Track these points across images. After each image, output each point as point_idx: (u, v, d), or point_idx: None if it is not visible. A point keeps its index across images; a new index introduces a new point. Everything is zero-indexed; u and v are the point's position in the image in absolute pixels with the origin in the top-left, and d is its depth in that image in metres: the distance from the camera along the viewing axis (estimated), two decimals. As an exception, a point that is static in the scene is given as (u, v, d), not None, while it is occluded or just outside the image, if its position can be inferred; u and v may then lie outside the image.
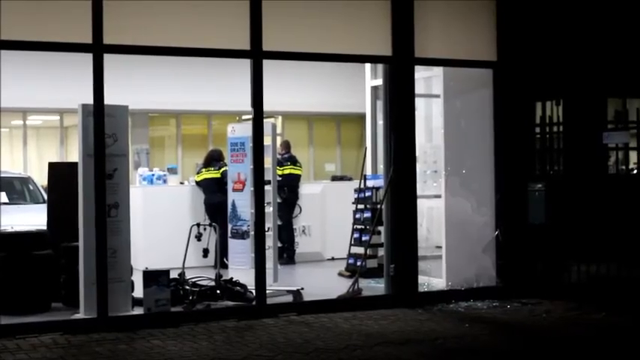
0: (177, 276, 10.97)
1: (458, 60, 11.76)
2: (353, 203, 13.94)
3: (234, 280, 11.33)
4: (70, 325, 9.70)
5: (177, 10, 10.19)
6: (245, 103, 10.79)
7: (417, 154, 11.72)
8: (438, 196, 12.32)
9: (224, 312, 10.52)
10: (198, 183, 14.98)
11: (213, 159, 14.92)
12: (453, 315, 10.75)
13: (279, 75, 13.33)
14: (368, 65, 13.74)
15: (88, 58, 9.75)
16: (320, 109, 20.53)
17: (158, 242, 13.99)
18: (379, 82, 12.77)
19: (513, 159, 11.96)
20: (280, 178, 14.40)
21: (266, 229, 10.99)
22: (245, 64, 10.64)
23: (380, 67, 12.44)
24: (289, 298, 11.37)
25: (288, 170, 15.29)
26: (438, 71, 12.31)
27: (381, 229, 12.16)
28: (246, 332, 9.62)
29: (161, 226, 14.32)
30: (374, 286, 12.25)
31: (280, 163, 14.77)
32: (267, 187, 11.41)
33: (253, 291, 10.73)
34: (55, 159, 18.28)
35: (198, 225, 11.97)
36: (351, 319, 10.31)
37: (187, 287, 10.94)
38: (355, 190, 13.97)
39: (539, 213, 11.84)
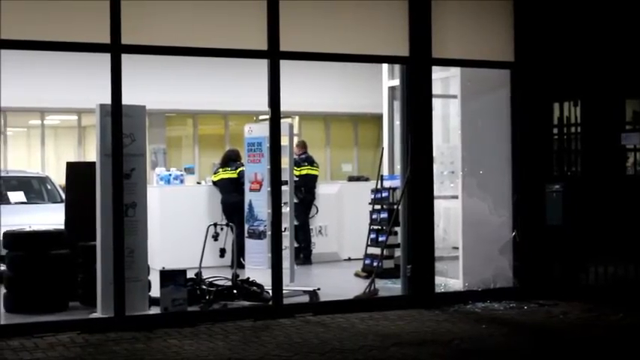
0: (194, 276, 11.00)
1: (475, 60, 11.73)
2: (370, 204, 13.93)
3: (250, 280, 11.35)
4: (87, 324, 9.74)
5: (195, 11, 10.22)
6: (262, 103, 10.80)
7: (434, 154, 11.70)
8: (455, 197, 12.30)
9: (240, 312, 10.54)
10: (215, 183, 15.00)
11: (230, 159, 14.94)
12: (469, 316, 10.74)
13: (296, 75, 13.33)
14: (385, 65, 13.72)
15: (106, 58, 9.78)
16: (337, 109, 20.52)
17: (175, 242, 14.03)
18: (396, 82, 12.75)
19: (531, 160, 11.93)
20: (297, 179, 14.41)
21: (283, 230, 10.99)
22: (262, 64, 10.65)
23: (397, 67, 12.42)
24: (306, 299, 11.37)
25: (305, 170, 15.29)
26: (455, 71, 12.29)
27: (398, 229, 12.14)
28: (263, 332, 9.63)
29: (178, 225, 14.34)
30: (390, 287, 12.24)
31: (297, 164, 14.78)
32: (284, 188, 11.42)
33: (270, 291, 10.74)
34: (73, 159, 18.35)
35: (215, 225, 11.99)
36: (367, 320, 10.30)
37: (204, 287, 10.96)
38: (372, 191, 13.96)
39: (556, 214, 11.80)
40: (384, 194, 13.58)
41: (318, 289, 11.62)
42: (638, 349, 9.06)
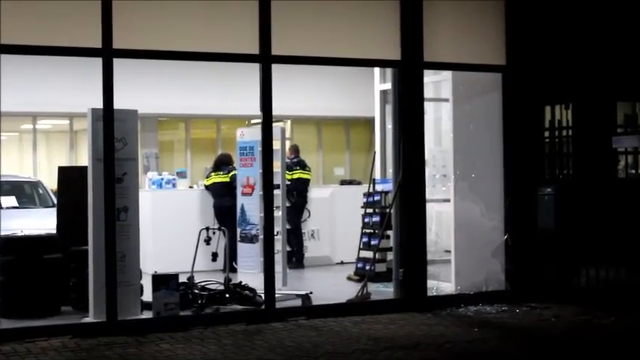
0: (186, 280, 10.99)
1: (467, 64, 11.75)
2: (362, 207, 13.94)
3: (243, 284, 11.34)
4: (79, 328, 9.73)
5: (187, 15, 10.22)
6: (254, 107, 10.81)
7: (426, 158, 11.72)
8: (447, 200, 12.32)
9: (233, 316, 10.53)
10: (207, 187, 15.00)
11: (223, 163, 14.94)
12: (461, 319, 10.75)
13: (288, 79, 13.33)
14: (377, 69, 13.74)
15: (97, 63, 9.78)
16: (329, 113, 20.53)
17: (167, 246, 14.01)
18: (388, 86, 12.78)
19: (522, 163, 11.95)
20: (289, 183, 14.41)
21: (275, 233, 11.00)
22: (254, 68, 10.65)
23: (389, 71, 12.44)
24: (298, 302, 11.36)
25: (297, 174, 15.30)
26: (446, 75, 12.31)
27: (390, 233, 12.15)
28: (255, 336, 9.63)
29: (170, 230, 14.33)
30: (383, 290, 12.24)
31: (289, 168, 14.78)
32: (276, 192, 11.42)
33: (262, 295, 10.74)
34: (65, 163, 18.30)
35: (207, 229, 11.97)
36: (359, 324, 10.31)
37: (196, 291, 10.95)
38: (364, 194, 13.97)
39: (548, 217, 11.82)
40: (376, 198, 13.60)
41: (311, 292, 11.60)
42: (629, 352, 9.08)
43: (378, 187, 13.65)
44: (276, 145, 11.77)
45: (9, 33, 9.34)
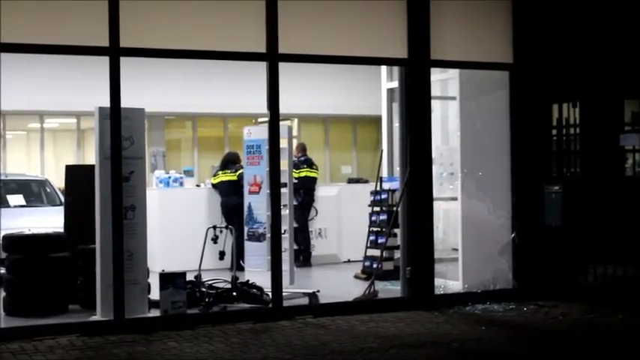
0: (193, 278, 11.00)
1: (474, 62, 11.73)
2: (369, 205, 13.93)
3: (250, 282, 11.35)
4: (86, 327, 9.74)
5: (194, 13, 10.22)
6: (261, 106, 10.81)
7: (433, 156, 11.70)
8: (455, 199, 12.30)
9: (240, 314, 10.53)
10: (214, 185, 15.00)
11: (230, 161, 14.94)
12: (469, 317, 10.74)
13: (295, 77, 13.33)
14: (384, 67, 13.73)
15: (104, 61, 9.79)
16: (336, 111, 20.53)
17: (174, 244, 14.02)
18: (395, 84, 12.76)
19: (530, 161, 11.93)
20: (296, 181, 14.41)
21: (282, 232, 10.99)
22: (261, 67, 10.65)
23: (396, 69, 12.42)
24: (305, 301, 11.35)
25: (304, 173, 15.29)
26: (454, 73, 12.28)
27: (397, 231, 12.15)
28: (263, 334, 9.63)
29: (177, 228, 14.33)
30: (390, 289, 12.24)
31: (296, 166, 14.78)
32: (283, 190, 11.42)
33: (269, 293, 10.74)
34: (72, 162, 18.34)
35: (214, 227, 11.98)
36: (367, 322, 10.30)
37: (204, 289, 10.95)
38: (371, 193, 13.96)
39: (555, 215, 11.81)
40: (384, 196, 13.58)
41: (318, 291, 11.60)
42: (637, 350, 9.06)
43: (385, 186, 13.64)
44: (283, 143, 11.77)
45: (16, 32, 9.35)
